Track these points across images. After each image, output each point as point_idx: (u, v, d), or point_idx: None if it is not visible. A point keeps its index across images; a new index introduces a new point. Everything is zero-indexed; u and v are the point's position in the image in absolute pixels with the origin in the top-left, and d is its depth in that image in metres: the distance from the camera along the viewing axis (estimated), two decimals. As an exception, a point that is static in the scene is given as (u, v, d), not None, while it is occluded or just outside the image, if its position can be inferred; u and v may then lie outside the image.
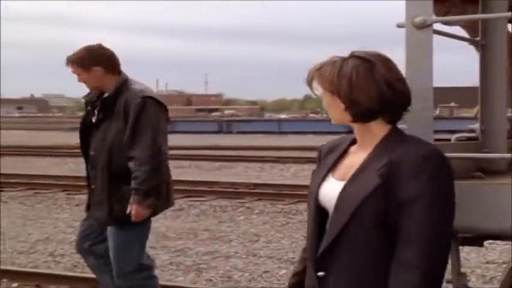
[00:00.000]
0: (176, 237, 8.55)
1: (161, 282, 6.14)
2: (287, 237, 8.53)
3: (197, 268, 6.84)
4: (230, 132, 42.41)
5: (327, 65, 2.22)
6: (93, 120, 4.23)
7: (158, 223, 9.60)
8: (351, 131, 2.44)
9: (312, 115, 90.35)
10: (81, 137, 4.30)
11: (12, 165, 19.69)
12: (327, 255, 2.15)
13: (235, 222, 9.77)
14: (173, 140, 30.45)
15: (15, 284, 5.96)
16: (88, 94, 4.34)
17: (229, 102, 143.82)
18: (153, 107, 4.12)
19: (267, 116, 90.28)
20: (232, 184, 13.58)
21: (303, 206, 10.95)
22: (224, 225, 9.49)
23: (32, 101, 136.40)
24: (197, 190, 12.61)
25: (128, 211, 4.11)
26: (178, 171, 17.86)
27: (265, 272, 6.68)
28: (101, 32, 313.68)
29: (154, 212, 4.32)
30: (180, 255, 7.46)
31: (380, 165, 2.09)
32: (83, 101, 4.40)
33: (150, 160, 4.09)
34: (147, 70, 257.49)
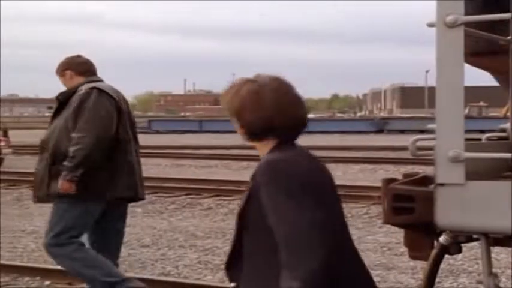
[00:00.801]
0: (205, 236, 8.58)
1: (190, 280, 6.20)
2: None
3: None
4: (257, 132, 42.37)
5: (229, 88, 2.47)
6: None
7: (186, 222, 9.66)
8: (380, 131, 2.48)
9: (339, 115, 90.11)
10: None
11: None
12: (233, 265, 2.40)
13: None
14: (201, 139, 30.91)
15: (47, 282, 6.04)
16: (61, 94, 4.86)
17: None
18: (94, 95, 4.60)
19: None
20: (260, 183, 13.59)
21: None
22: (252, 225, 9.51)
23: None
24: (225, 189, 12.64)
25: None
26: (207, 170, 17.94)
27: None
28: (134, 33, 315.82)
29: (97, 194, 4.61)
30: (208, 254, 7.49)
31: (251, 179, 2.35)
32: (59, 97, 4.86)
33: (81, 141, 4.50)
34: (176, 70, 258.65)
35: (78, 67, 4.85)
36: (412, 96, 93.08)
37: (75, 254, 4.61)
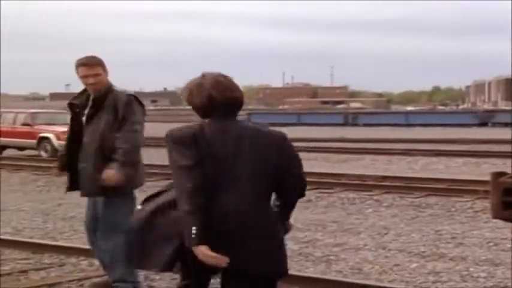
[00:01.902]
0: (305, 228, 8.60)
1: (291, 272, 6.23)
2: (417, 231, 8.38)
3: (327, 259, 6.86)
4: (356, 125, 42.05)
5: (186, 84, 3.44)
6: (84, 118, 5.14)
7: (287, 214, 9.71)
8: (483, 124, 2.43)
9: (440, 107, 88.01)
10: (72, 132, 5.21)
11: (150, 156, 20.48)
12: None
13: (363, 215, 9.70)
14: (299, 132, 31.03)
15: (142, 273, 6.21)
16: (77, 97, 5.24)
17: (354, 95, 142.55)
18: (135, 103, 5.15)
19: (394, 108, 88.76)
20: (360, 176, 13.49)
21: (433, 200, 10.73)
22: (352, 218, 9.46)
23: (165, 94, 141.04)
24: (325, 182, 12.62)
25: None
26: (306, 163, 17.84)
27: (396, 265, 6.60)
28: (228, 26, 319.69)
29: (131, 185, 5.15)
30: (308, 246, 7.50)
31: None
32: (76, 102, 5.24)
33: (130, 140, 5.05)
34: (274, 63, 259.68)
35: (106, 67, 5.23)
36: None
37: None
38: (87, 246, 7.11)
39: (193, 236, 3.13)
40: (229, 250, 3.16)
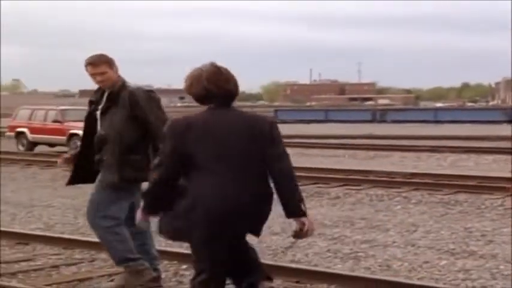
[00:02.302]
0: (333, 225, 8.59)
1: (319, 268, 6.24)
2: (446, 228, 8.33)
3: (355, 256, 6.85)
4: (384, 121, 41.82)
5: (186, 75, 3.88)
6: (98, 113, 5.30)
7: (314, 210, 9.70)
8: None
9: (469, 104, 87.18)
10: (87, 127, 5.39)
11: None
12: None
13: (392, 212, 9.66)
14: (327, 129, 30.85)
15: (184, 266, 6.25)
16: (94, 95, 5.42)
17: (382, 91, 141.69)
18: (154, 98, 5.27)
19: (423, 104, 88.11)
20: (388, 173, 13.43)
21: (462, 197, 10.65)
22: (381, 214, 9.42)
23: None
24: (353, 179, 12.59)
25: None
26: (334, 160, 17.91)
27: (425, 262, 6.57)
28: (257, 23, 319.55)
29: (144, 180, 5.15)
30: (337, 243, 7.50)
31: None
32: (92, 99, 5.42)
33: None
34: (302, 59, 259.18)
35: (116, 65, 5.34)
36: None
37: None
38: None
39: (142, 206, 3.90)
40: (224, 226, 3.74)
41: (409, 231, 8.17)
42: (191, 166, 3.74)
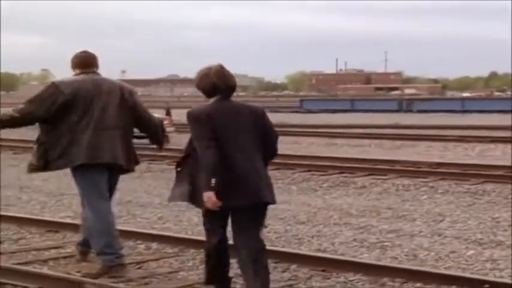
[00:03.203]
0: (359, 214, 8.59)
1: (346, 257, 6.25)
2: (474, 218, 8.29)
3: (381, 246, 6.85)
4: (410, 111, 41.52)
5: (197, 73, 4.80)
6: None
7: (340, 200, 9.71)
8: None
9: (497, 93, 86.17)
10: None
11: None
12: (183, 163, 4.92)
13: (418, 201, 9.63)
14: (353, 118, 30.70)
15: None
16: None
17: (408, 81, 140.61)
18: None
19: (449, 94, 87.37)
20: (415, 163, 13.36)
21: (490, 187, 10.57)
22: (407, 204, 9.40)
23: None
24: (379, 168, 12.55)
25: None
26: (359, 149, 17.85)
27: (452, 252, 6.55)
28: (284, 13, 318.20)
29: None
30: (363, 232, 7.50)
31: None
32: None
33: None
34: (327, 49, 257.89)
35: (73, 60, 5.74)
36: None
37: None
38: (145, 230, 7.28)
39: (212, 185, 4.46)
40: (247, 193, 4.58)
41: (436, 221, 8.15)
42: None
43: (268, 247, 6.48)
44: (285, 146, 19.44)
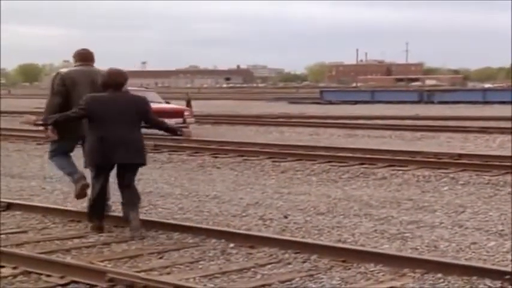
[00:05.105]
0: (379, 205, 8.59)
1: (366, 248, 6.26)
2: (495, 209, 8.25)
3: (402, 237, 6.85)
4: (431, 102, 41.28)
5: None
6: None
7: (361, 191, 9.71)
8: None
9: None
10: None
11: (224, 133, 20.76)
12: None
13: (439, 193, 9.61)
14: (373, 109, 30.52)
15: (232, 244, 6.35)
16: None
17: (429, 72, 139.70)
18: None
19: (471, 85, 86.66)
20: (435, 154, 13.31)
21: (511, 178, 10.51)
22: (428, 195, 9.37)
23: (238, 72, 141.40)
24: (399, 159, 12.52)
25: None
26: (380, 140, 17.81)
27: (473, 243, 6.54)
28: (305, 5, 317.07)
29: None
30: (383, 224, 7.50)
31: None
32: None
33: None
34: (348, 40, 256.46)
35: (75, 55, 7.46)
36: None
37: None
38: (166, 220, 7.35)
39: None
40: (120, 154, 6.68)
41: (457, 212, 8.13)
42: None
43: (288, 237, 6.58)
44: (305, 137, 19.47)
